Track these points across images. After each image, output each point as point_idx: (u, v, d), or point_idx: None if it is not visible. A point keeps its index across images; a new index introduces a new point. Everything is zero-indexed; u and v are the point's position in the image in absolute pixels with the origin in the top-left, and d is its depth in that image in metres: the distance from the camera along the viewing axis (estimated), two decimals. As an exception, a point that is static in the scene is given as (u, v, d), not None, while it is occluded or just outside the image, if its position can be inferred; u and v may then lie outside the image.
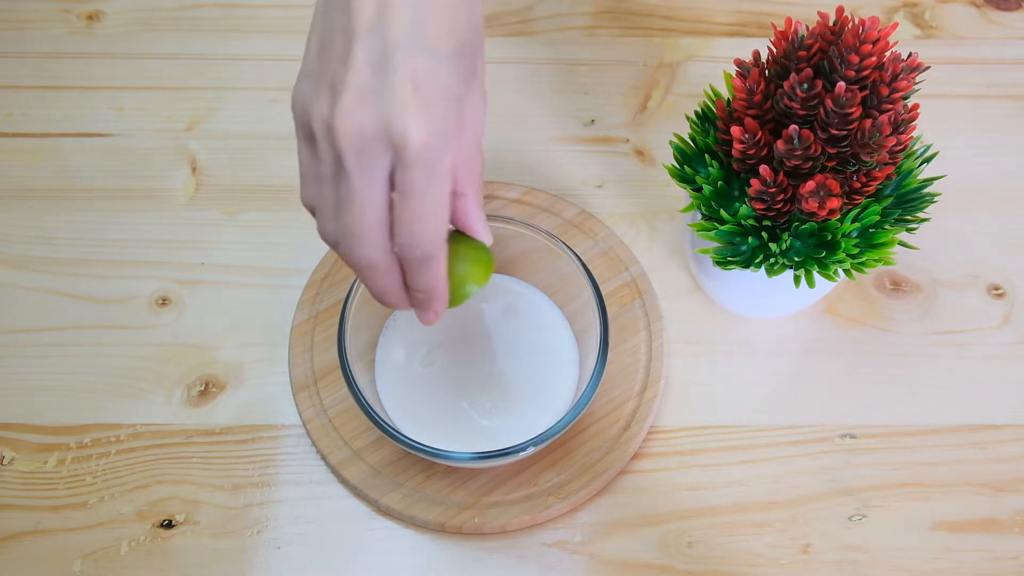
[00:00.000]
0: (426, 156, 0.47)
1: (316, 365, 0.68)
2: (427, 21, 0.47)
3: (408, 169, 0.47)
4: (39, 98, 0.78)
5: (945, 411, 0.68)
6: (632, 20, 0.82)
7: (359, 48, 0.47)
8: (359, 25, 0.47)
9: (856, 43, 0.54)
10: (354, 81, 0.46)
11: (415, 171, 0.47)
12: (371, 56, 0.46)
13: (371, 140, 0.46)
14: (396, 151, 0.47)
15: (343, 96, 0.46)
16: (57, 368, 0.69)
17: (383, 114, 0.46)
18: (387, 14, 0.47)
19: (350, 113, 0.46)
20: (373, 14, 0.47)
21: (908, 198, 0.62)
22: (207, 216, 0.74)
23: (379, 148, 0.47)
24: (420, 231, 0.48)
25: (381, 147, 0.47)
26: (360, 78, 0.46)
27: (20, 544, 0.64)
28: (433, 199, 0.48)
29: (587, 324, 0.64)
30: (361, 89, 0.46)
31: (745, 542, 0.64)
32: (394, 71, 0.46)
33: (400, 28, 0.47)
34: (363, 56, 0.46)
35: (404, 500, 0.64)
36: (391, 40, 0.46)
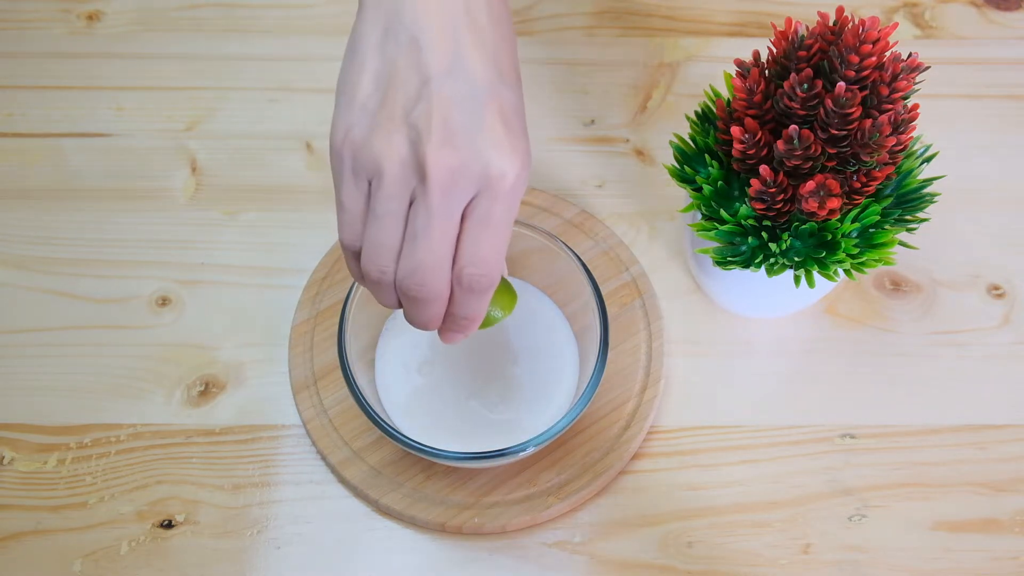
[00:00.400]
0: (517, 190, 0.48)
1: (316, 365, 0.68)
2: (500, 58, 0.48)
3: (496, 202, 0.47)
4: (39, 98, 0.78)
5: (945, 411, 0.68)
6: (632, 20, 0.82)
7: (442, 87, 0.47)
8: (435, 64, 0.47)
9: (856, 43, 0.54)
10: (443, 120, 0.46)
11: (503, 205, 0.48)
12: (457, 94, 0.47)
13: (463, 177, 0.47)
14: (487, 186, 0.47)
15: (432, 135, 0.46)
16: (57, 368, 0.69)
17: (479, 152, 0.46)
18: (465, 53, 0.47)
19: (442, 151, 0.46)
20: (449, 53, 0.47)
21: (908, 198, 0.62)
22: (207, 216, 0.74)
23: (470, 184, 0.47)
24: (492, 260, 0.49)
25: (471, 183, 0.47)
26: (448, 115, 0.46)
27: (20, 544, 0.64)
28: (508, 229, 0.49)
29: (587, 324, 0.64)
30: (451, 127, 0.46)
31: (745, 542, 0.64)
32: (484, 108, 0.47)
33: (481, 66, 0.47)
34: (449, 94, 0.47)
35: (404, 500, 0.64)
36: (476, 78, 0.47)
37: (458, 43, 0.47)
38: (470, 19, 0.48)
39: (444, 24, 0.47)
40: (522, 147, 0.48)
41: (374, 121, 0.47)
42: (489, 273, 0.49)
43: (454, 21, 0.48)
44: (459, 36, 0.47)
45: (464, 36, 0.47)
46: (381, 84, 0.48)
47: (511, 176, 0.47)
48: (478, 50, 0.47)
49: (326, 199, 0.74)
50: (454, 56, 0.47)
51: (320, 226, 0.73)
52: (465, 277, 0.49)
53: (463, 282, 0.49)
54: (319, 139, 0.77)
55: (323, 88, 0.78)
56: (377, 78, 0.48)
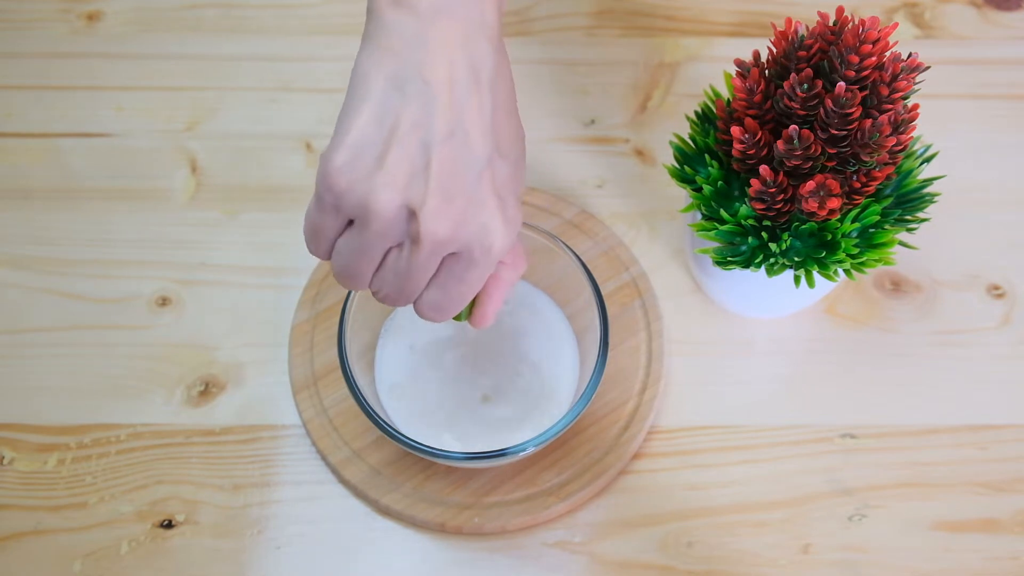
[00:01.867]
0: (496, 260, 0.49)
1: (316, 365, 0.68)
2: (499, 124, 0.48)
3: (475, 268, 0.49)
4: (39, 98, 0.78)
5: (945, 411, 0.68)
6: (632, 20, 0.82)
7: (443, 155, 0.47)
8: (438, 127, 0.47)
9: (856, 43, 0.54)
10: (442, 188, 0.47)
11: (481, 271, 0.49)
12: (456, 164, 0.47)
13: (451, 243, 0.48)
14: (471, 254, 0.48)
15: (429, 202, 0.47)
16: (57, 368, 0.69)
17: (472, 223, 0.48)
18: (466, 119, 0.47)
19: (437, 220, 0.47)
20: (452, 118, 0.47)
21: (908, 198, 0.62)
22: (207, 216, 0.74)
23: (455, 248, 0.48)
24: (451, 310, 0.51)
25: (457, 247, 0.48)
26: (446, 186, 0.47)
27: (20, 544, 0.64)
28: (478, 287, 0.51)
29: (587, 324, 0.64)
30: (449, 196, 0.47)
31: (745, 542, 0.64)
32: (480, 180, 0.47)
33: (480, 136, 0.48)
34: (448, 163, 0.47)
35: (404, 500, 0.64)
36: (474, 148, 0.47)
37: (461, 107, 0.47)
38: (475, 80, 0.48)
39: (450, 83, 0.47)
40: (512, 220, 0.49)
41: (371, 171, 0.47)
42: (442, 317, 0.52)
43: (459, 81, 0.47)
44: (463, 99, 0.47)
45: (467, 99, 0.47)
46: (382, 133, 0.47)
47: (495, 249, 0.49)
48: (479, 117, 0.48)
49: (326, 199, 0.74)
50: (456, 120, 0.47)
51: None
52: (421, 311, 0.52)
53: (419, 312, 0.52)
54: (319, 139, 0.77)
55: (323, 88, 0.78)
56: (379, 125, 0.47)
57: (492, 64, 0.48)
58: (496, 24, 0.49)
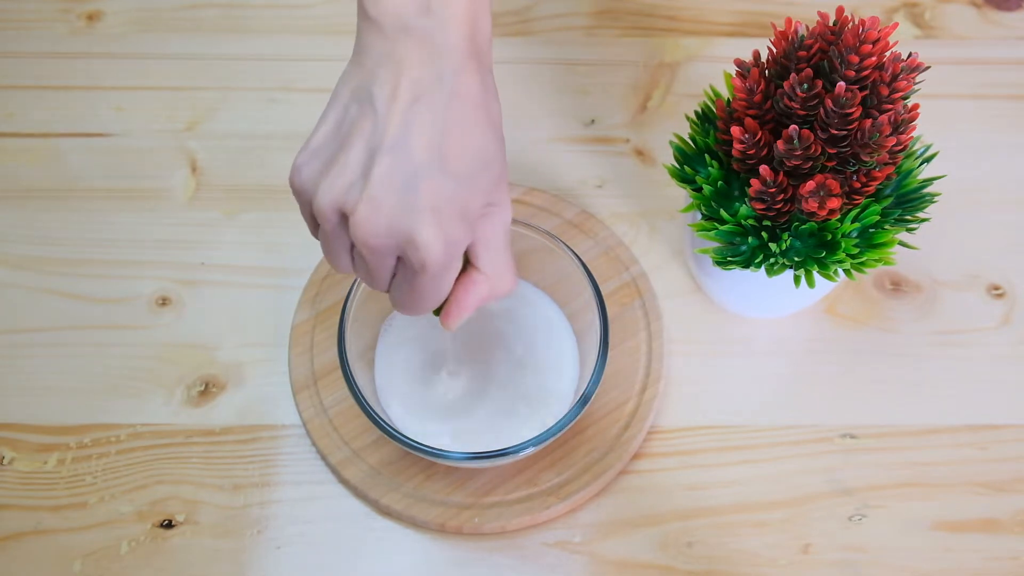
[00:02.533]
0: (435, 270, 0.50)
1: (316, 365, 0.68)
2: (449, 143, 0.49)
3: (417, 275, 0.50)
4: (39, 98, 0.78)
5: (945, 411, 0.68)
6: (632, 20, 0.82)
7: (382, 164, 0.48)
8: (383, 139, 0.48)
9: (856, 43, 0.54)
10: (372, 195, 0.48)
11: (423, 277, 0.50)
12: (392, 173, 0.48)
13: (385, 247, 0.49)
14: (409, 256, 0.49)
15: (359, 207, 0.48)
16: (57, 368, 0.69)
17: (398, 231, 0.48)
18: (410, 133, 0.48)
19: (365, 225, 0.48)
20: (398, 131, 0.48)
21: (908, 198, 0.62)
22: (207, 216, 0.74)
23: (392, 253, 0.50)
24: (418, 308, 0.53)
25: (393, 252, 0.50)
26: (378, 193, 0.48)
27: (20, 544, 0.64)
28: (436, 293, 0.51)
29: (587, 324, 0.64)
30: (377, 204, 0.48)
31: (745, 542, 0.64)
32: (416, 192, 0.48)
33: (423, 150, 0.48)
34: (384, 171, 0.48)
35: (404, 500, 0.64)
36: (415, 161, 0.48)
37: (410, 120, 0.48)
38: (433, 95, 0.48)
39: (404, 97, 0.48)
40: (450, 232, 0.49)
41: (325, 171, 0.50)
42: (413, 315, 0.53)
43: (416, 93, 0.48)
44: (413, 112, 0.48)
45: (419, 115, 0.48)
46: (337, 140, 0.50)
47: (429, 261, 0.49)
48: (427, 130, 0.48)
49: (326, 199, 0.74)
50: (401, 133, 0.48)
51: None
52: (394, 307, 0.54)
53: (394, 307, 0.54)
54: (319, 139, 0.77)
55: (323, 88, 0.78)
56: (336, 132, 0.50)
57: (454, 82, 0.49)
58: (460, 46, 0.49)
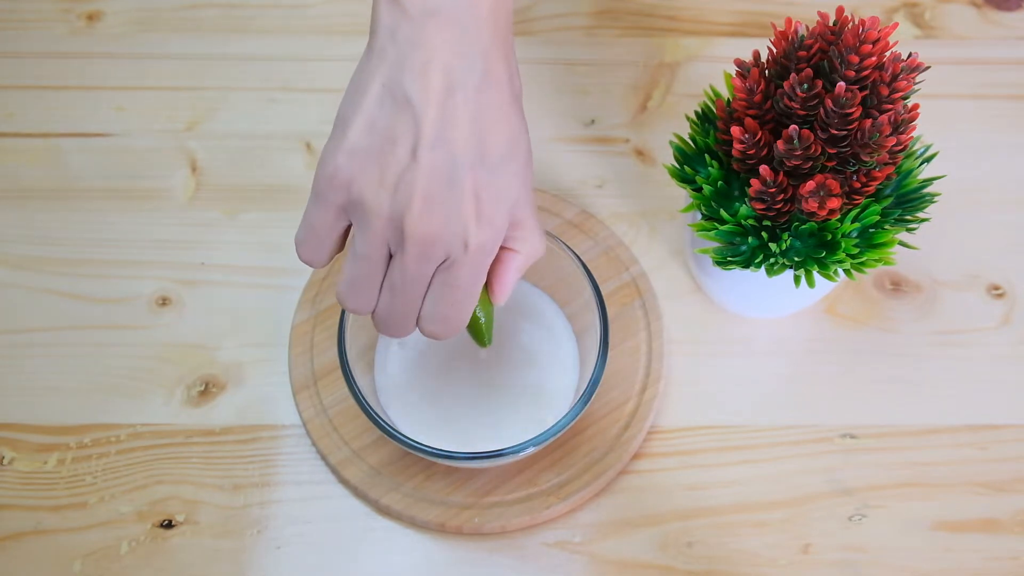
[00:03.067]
0: (478, 260, 0.51)
1: (316, 365, 0.68)
2: (488, 134, 0.50)
3: (463, 268, 0.51)
4: (39, 98, 0.78)
5: (945, 411, 0.68)
6: (632, 20, 0.82)
7: (428, 159, 0.49)
8: (425, 132, 0.48)
9: (856, 43, 0.54)
10: (425, 190, 0.49)
11: (466, 271, 0.51)
12: (440, 168, 0.49)
13: (437, 246, 0.50)
14: (457, 255, 0.50)
15: (414, 205, 0.49)
16: (57, 368, 0.69)
17: (452, 223, 0.49)
18: (450, 125, 0.49)
19: (420, 222, 0.49)
20: (438, 123, 0.49)
21: (908, 198, 0.62)
22: (207, 216, 0.74)
23: (442, 251, 0.50)
24: (451, 319, 0.53)
25: (443, 250, 0.50)
26: (429, 188, 0.49)
27: (20, 544, 0.64)
28: (472, 291, 0.52)
29: (587, 324, 0.64)
30: (431, 199, 0.49)
31: (745, 542, 0.64)
32: (461, 184, 0.49)
33: (463, 143, 0.49)
34: (432, 166, 0.49)
35: (404, 500, 0.64)
36: (457, 154, 0.49)
37: (448, 111, 0.49)
38: (466, 83, 0.49)
39: (441, 90, 0.48)
40: (491, 220, 0.50)
41: (365, 171, 0.49)
42: (444, 331, 0.53)
43: (450, 84, 0.48)
44: (451, 104, 0.49)
45: (456, 107, 0.49)
46: (375, 137, 0.49)
47: (472, 248, 0.50)
48: (465, 122, 0.49)
49: (326, 199, 0.74)
50: (441, 128, 0.49)
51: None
52: (424, 330, 0.54)
53: (423, 331, 0.54)
54: (319, 139, 0.77)
55: (323, 88, 0.78)
56: (372, 129, 0.49)
57: (482, 68, 0.49)
58: (487, 24, 0.49)
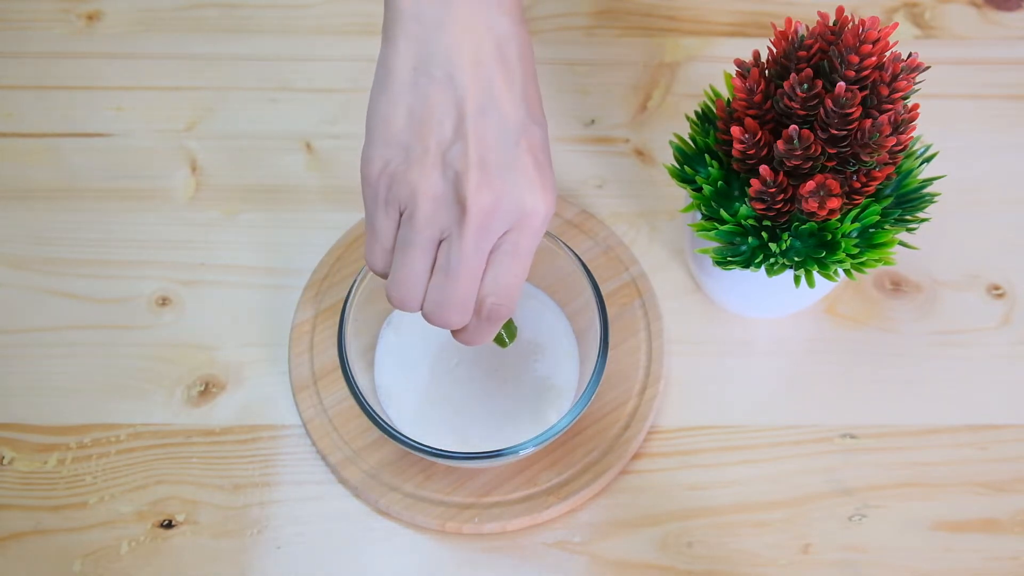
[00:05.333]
0: (544, 224, 0.49)
1: (316, 365, 0.68)
2: (528, 95, 0.49)
3: (525, 236, 0.49)
4: (39, 98, 0.78)
5: (945, 411, 0.68)
6: (632, 20, 0.82)
7: (478, 126, 0.48)
8: (470, 102, 0.48)
9: (856, 43, 0.54)
10: (480, 160, 0.47)
11: (531, 238, 0.49)
12: (491, 134, 0.48)
13: (499, 216, 0.48)
14: (519, 223, 0.49)
15: (471, 176, 0.47)
16: (57, 368, 0.69)
17: (513, 191, 0.48)
18: (496, 91, 0.48)
19: (481, 192, 0.47)
20: (482, 91, 0.48)
21: (908, 198, 0.62)
22: (207, 216, 0.74)
23: (504, 222, 0.49)
24: (513, 289, 0.51)
25: (505, 221, 0.48)
26: (484, 156, 0.48)
27: (20, 544, 0.64)
28: (530, 259, 0.50)
29: (587, 324, 0.64)
30: (488, 168, 0.48)
31: (745, 542, 0.64)
32: (516, 147, 0.48)
33: (511, 105, 0.48)
34: (483, 134, 0.48)
35: (404, 500, 0.64)
36: (507, 117, 0.48)
37: (490, 81, 0.48)
38: (500, 55, 0.49)
39: (476, 60, 0.48)
40: (550, 183, 0.49)
41: (410, 156, 0.48)
42: (508, 303, 0.51)
43: (485, 57, 0.48)
44: (491, 73, 0.48)
45: (495, 73, 0.48)
46: (415, 119, 0.48)
47: (542, 212, 0.49)
48: (509, 88, 0.48)
49: (326, 199, 0.74)
50: (486, 94, 0.48)
51: (320, 226, 0.73)
52: (486, 306, 0.51)
53: (483, 311, 0.51)
54: (319, 139, 0.77)
55: (323, 88, 0.78)
56: (411, 113, 0.48)
57: (515, 37, 0.49)
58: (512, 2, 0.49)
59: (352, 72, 0.79)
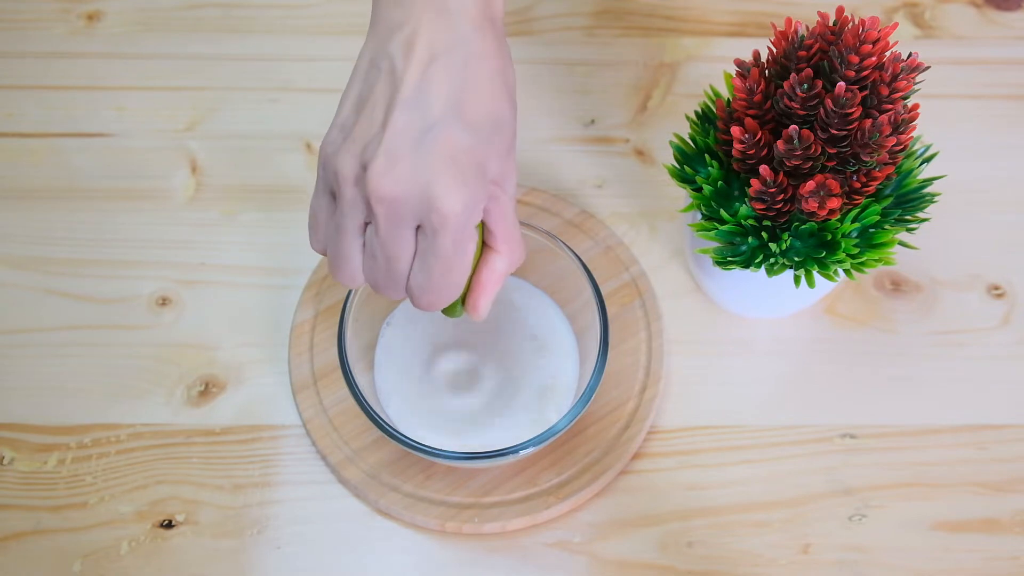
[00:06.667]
0: (456, 225, 0.49)
1: (316, 365, 0.68)
2: (469, 98, 0.49)
3: (438, 235, 0.49)
4: (39, 98, 0.78)
5: (945, 411, 0.68)
6: (632, 20, 0.82)
7: (399, 117, 0.48)
8: (400, 95, 0.49)
9: (856, 43, 0.54)
10: (389, 148, 0.48)
11: (445, 238, 0.49)
12: (410, 126, 0.48)
13: (401, 204, 0.48)
14: (427, 217, 0.49)
15: (376, 160, 0.48)
16: (57, 368, 0.69)
17: (418, 183, 0.48)
18: (429, 88, 0.49)
19: (382, 179, 0.48)
20: (415, 87, 0.49)
21: (908, 198, 0.62)
22: (207, 216, 0.74)
23: (410, 214, 0.49)
24: (440, 288, 0.51)
25: (412, 211, 0.49)
26: (395, 145, 0.48)
27: (20, 544, 0.64)
28: (458, 262, 0.51)
29: (587, 324, 0.64)
30: (395, 156, 0.48)
31: (745, 542, 0.64)
32: (433, 143, 0.48)
33: (441, 103, 0.49)
34: (402, 125, 0.48)
35: (404, 500, 0.64)
36: (432, 114, 0.49)
37: (427, 76, 0.49)
38: (450, 54, 0.49)
39: (422, 56, 0.49)
40: (465, 186, 0.49)
41: (345, 142, 0.50)
42: (435, 302, 0.52)
43: (433, 54, 0.49)
44: (431, 69, 0.49)
45: (437, 70, 0.49)
46: (358, 107, 0.50)
47: (449, 213, 0.49)
48: (445, 85, 0.49)
49: (326, 199, 0.74)
50: (418, 88, 0.49)
51: (320, 226, 0.73)
52: (414, 299, 0.52)
53: (413, 301, 0.52)
54: (319, 139, 0.76)
55: (323, 88, 0.78)
56: (358, 100, 0.50)
57: (470, 43, 0.50)
58: (473, 12, 0.50)
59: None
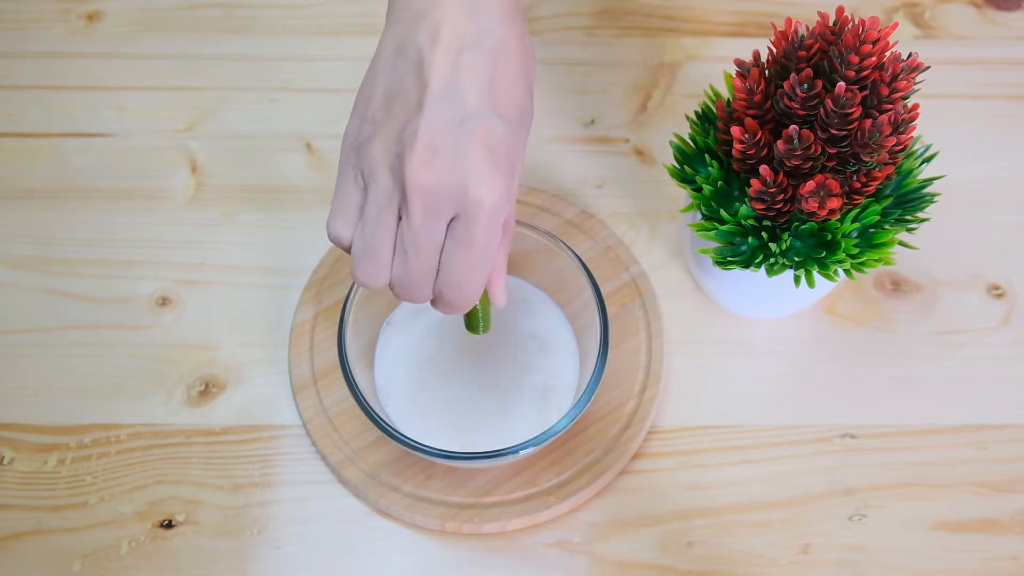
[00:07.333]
0: (493, 216, 0.49)
1: (316, 365, 0.68)
2: (500, 88, 0.50)
3: (474, 225, 0.49)
4: (39, 98, 0.78)
5: (945, 411, 0.68)
6: (632, 20, 0.82)
7: (434, 108, 0.49)
8: (433, 84, 0.49)
9: (856, 43, 0.54)
10: (427, 139, 0.48)
11: (480, 228, 0.49)
12: (446, 117, 0.49)
13: (441, 198, 0.49)
14: (465, 209, 0.49)
15: (415, 154, 0.48)
16: (57, 368, 0.69)
17: (457, 173, 0.49)
18: (462, 80, 0.49)
19: (422, 171, 0.48)
20: (448, 78, 0.49)
21: (908, 198, 0.62)
22: (207, 216, 0.74)
23: (447, 205, 0.49)
24: (469, 282, 0.51)
25: (449, 205, 0.49)
26: (433, 136, 0.48)
27: (20, 544, 0.64)
28: (488, 253, 0.51)
29: (587, 324, 0.64)
30: (434, 147, 0.48)
31: (745, 542, 0.64)
32: (470, 134, 0.49)
33: (475, 92, 0.49)
34: (439, 116, 0.49)
35: (404, 500, 0.64)
36: (467, 105, 0.49)
37: (459, 67, 0.49)
38: (478, 46, 0.50)
39: (450, 46, 0.49)
40: (502, 176, 0.49)
41: (377, 131, 0.50)
42: (464, 295, 0.52)
43: (461, 45, 0.49)
44: (461, 60, 0.49)
45: (467, 61, 0.49)
46: (387, 96, 0.50)
47: (488, 203, 0.49)
48: (477, 76, 0.49)
49: (326, 199, 0.74)
50: (451, 79, 0.49)
51: (320, 226, 0.73)
52: (443, 298, 0.52)
53: (440, 300, 0.52)
54: (319, 139, 0.77)
55: (323, 88, 0.78)
56: (386, 91, 0.50)
57: (497, 34, 0.50)
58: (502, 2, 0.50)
59: (352, 72, 0.78)
